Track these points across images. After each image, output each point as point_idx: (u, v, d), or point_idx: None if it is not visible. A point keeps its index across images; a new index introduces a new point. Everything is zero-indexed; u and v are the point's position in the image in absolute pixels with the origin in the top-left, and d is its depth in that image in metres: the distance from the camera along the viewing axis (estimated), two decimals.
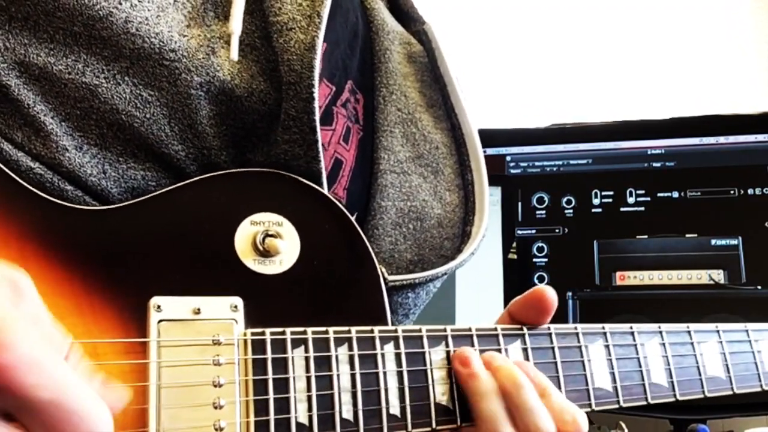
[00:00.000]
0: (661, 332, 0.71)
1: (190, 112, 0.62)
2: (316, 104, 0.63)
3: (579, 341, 0.67)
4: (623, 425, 1.24)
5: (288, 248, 0.60)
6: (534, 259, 1.43)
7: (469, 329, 0.64)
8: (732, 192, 1.38)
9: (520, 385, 0.60)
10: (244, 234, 0.59)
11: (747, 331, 0.77)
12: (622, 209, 1.41)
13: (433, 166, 0.79)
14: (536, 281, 1.42)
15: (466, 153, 0.81)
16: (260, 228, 0.60)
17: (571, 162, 1.46)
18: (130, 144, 0.61)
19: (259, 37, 0.66)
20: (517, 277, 1.42)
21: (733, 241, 1.36)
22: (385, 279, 0.65)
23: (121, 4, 0.59)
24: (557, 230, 1.43)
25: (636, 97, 1.70)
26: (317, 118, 0.63)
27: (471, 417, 0.60)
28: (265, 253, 0.59)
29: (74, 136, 0.59)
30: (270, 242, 0.59)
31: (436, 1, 1.69)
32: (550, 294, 0.65)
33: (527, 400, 0.59)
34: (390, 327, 0.61)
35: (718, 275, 1.35)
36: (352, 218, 0.65)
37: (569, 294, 1.39)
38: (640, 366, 0.69)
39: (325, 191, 0.64)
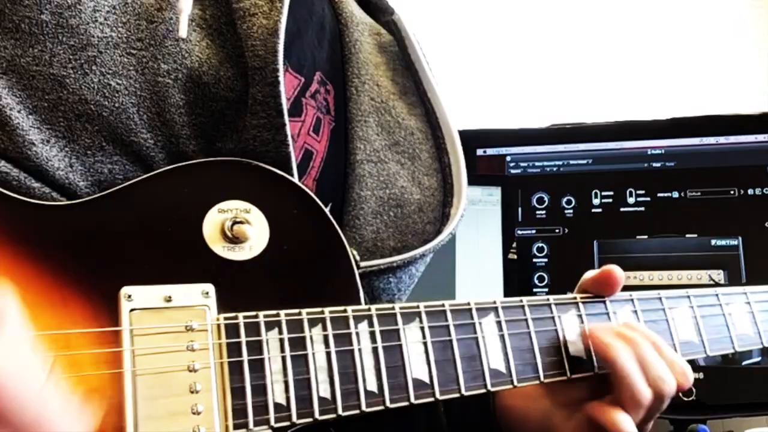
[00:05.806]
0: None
1: (158, 99, 0.62)
2: (282, 88, 0.63)
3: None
4: None
5: (257, 234, 0.61)
6: (534, 260, 1.42)
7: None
8: (732, 192, 1.38)
9: (641, 342, 0.66)
10: (212, 221, 0.60)
11: None
12: (622, 209, 1.41)
13: (409, 153, 0.79)
14: (536, 281, 1.41)
15: (442, 136, 0.81)
16: (228, 215, 0.60)
17: (571, 162, 1.46)
18: (98, 135, 0.61)
19: (225, 22, 0.66)
20: (517, 278, 1.41)
21: (733, 241, 1.35)
22: (356, 260, 0.65)
23: None
24: (557, 230, 1.43)
25: (636, 97, 1.70)
26: (284, 101, 0.63)
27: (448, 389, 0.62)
28: (234, 240, 0.59)
29: (41, 129, 0.59)
30: (238, 229, 0.59)
31: (437, 2, 1.69)
32: (618, 273, 0.70)
33: (652, 355, 0.65)
34: (363, 306, 0.62)
35: (718, 275, 1.35)
36: (319, 202, 0.65)
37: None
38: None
39: (293, 178, 0.65)
